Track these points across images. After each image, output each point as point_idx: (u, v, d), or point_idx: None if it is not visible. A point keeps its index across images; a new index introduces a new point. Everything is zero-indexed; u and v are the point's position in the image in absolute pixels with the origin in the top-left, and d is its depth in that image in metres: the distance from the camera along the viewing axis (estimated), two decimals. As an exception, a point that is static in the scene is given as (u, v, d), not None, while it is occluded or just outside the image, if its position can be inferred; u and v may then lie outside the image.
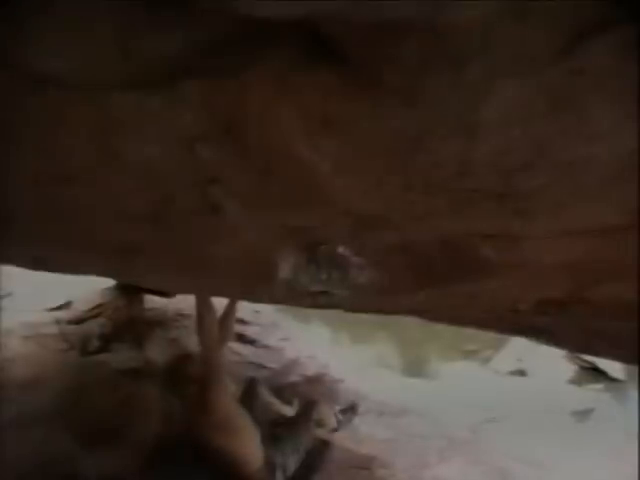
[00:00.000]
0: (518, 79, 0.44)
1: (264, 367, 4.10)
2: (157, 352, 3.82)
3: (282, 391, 4.00)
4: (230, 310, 2.94)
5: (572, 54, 0.39)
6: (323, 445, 3.42)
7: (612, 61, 0.38)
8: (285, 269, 1.42)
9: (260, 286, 1.50)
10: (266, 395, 3.62)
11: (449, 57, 0.42)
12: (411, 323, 6.87)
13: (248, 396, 3.30)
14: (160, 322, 4.15)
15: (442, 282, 1.27)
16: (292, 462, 2.85)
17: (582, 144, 0.53)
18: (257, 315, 4.55)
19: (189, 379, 3.21)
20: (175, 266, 1.37)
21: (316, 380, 4.17)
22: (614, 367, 5.93)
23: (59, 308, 4.18)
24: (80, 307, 4.15)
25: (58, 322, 3.94)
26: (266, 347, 4.26)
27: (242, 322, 4.34)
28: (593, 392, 5.66)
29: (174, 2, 0.51)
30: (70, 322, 3.97)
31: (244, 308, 4.66)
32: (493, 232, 1.00)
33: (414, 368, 5.83)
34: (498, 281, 1.23)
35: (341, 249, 1.29)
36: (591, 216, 0.89)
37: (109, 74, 0.61)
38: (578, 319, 1.97)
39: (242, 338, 4.20)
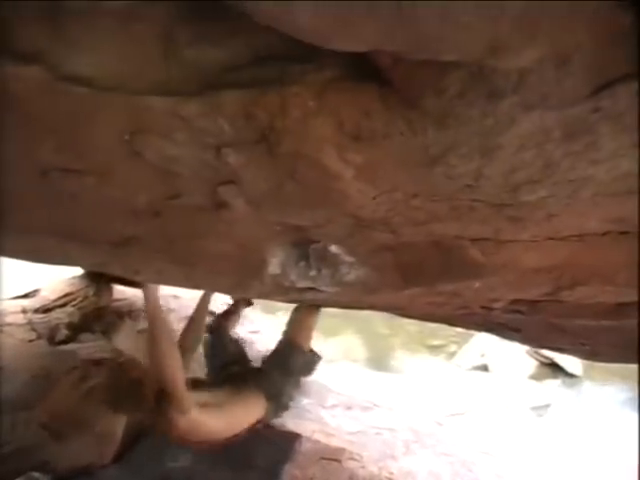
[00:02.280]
0: (541, 113, 0.50)
1: (234, 360, 4.13)
2: (126, 343, 3.80)
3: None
4: (201, 312, 2.92)
5: (596, 97, 0.46)
6: (293, 437, 3.49)
7: (628, 102, 0.45)
8: (274, 265, 1.47)
9: (250, 281, 1.54)
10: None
11: (485, 92, 0.47)
12: (377, 318, 7.02)
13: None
14: (129, 312, 4.13)
15: (430, 281, 1.35)
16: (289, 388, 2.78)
17: (585, 166, 0.61)
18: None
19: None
20: (170, 260, 1.40)
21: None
22: (572, 363, 6.20)
23: (25, 296, 4.09)
24: (47, 296, 4.08)
25: (25, 311, 3.86)
26: (236, 339, 4.28)
27: (212, 314, 4.36)
28: (551, 387, 5.92)
29: (221, 15, 0.56)
30: (37, 311, 3.90)
31: (213, 300, 4.67)
32: (484, 236, 1.07)
33: (380, 362, 5.97)
34: (482, 281, 1.31)
35: (334, 247, 1.35)
36: (576, 225, 0.97)
37: (147, 79, 0.65)
38: (547, 317, 2.09)
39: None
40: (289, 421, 3.71)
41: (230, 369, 2.80)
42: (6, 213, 1.22)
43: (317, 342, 6.48)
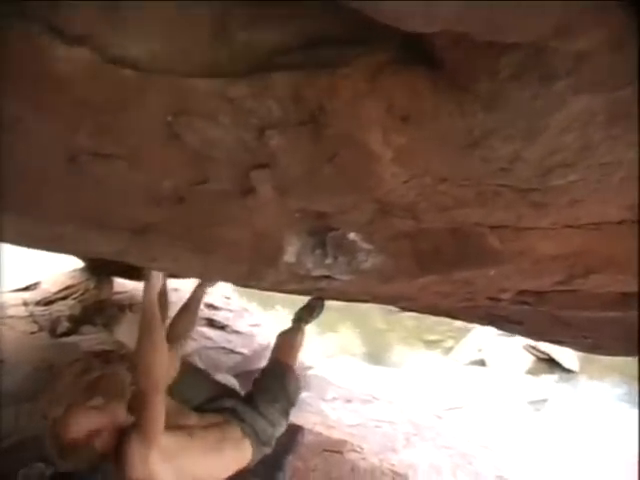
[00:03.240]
0: (592, 95, 0.53)
1: (235, 352, 4.17)
2: (127, 335, 3.82)
3: (252, 376, 4.07)
4: (196, 300, 2.75)
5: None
6: (295, 429, 3.51)
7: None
8: (290, 253, 1.49)
9: (265, 269, 1.57)
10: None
11: (539, 74, 0.50)
12: (374, 313, 7.06)
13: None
14: (130, 305, 4.15)
15: (446, 269, 1.37)
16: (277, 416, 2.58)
17: (622, 150, 0.64)
18: (227, 301, 4.59)
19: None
20: (187, 247, 1.42)
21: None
22: (568, 359, 6.28)
23: (26, 289, 4.11)
24: (48, 288, 4.10)
25: (26, 303, 3.88)
26: (237, 332, 4.32)
27: (213, 307, 4.39)
28: (548, 382, 5.99)
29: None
30: (38, 303, 3.91)
31: (214, 294, 4.70)
32: (505, 223, 1.10)
33: (377, 357, 6.01)
34: (498, 269, 1.34)
35: (352, 235, 1.38)
36: (597, 212, 1.00)
37: (195, 61, 0.67)
38: (553, 309, 2.12)
39: (213, 323, 4.25)
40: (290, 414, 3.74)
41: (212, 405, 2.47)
42: (28, 200, 1.24)
43: (315, 337, 6.53)
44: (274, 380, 2.75)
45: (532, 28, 0.44)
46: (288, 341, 2.98)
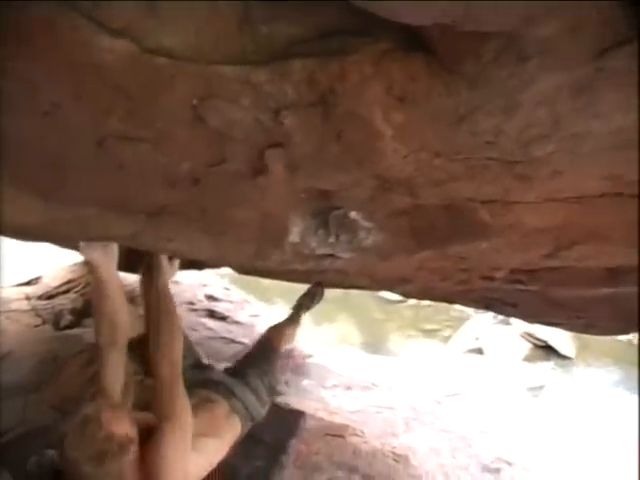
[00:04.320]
0: (557, 72, 0.65)
1: (235, 342, 4.29)
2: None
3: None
4: None
5: (600, 58, 0.61)
6: (298, 414, 3.65)
7: (625, 63, 0.60)
8: (294, 234, 1.62)
9: (271, 249, 1.69)
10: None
11: (515, 56, 0.63)
12: (372, 303, 7.19)
13: None
14: (131, 298, 4.26)
15: (441, 244, 1.50)
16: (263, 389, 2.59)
17: (586, 120, 0.76)
18: (227, 292, 4.72)
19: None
20: (200, 229, 1.54)
21: (286, 354, 4.39)
22: (565, 345, 6.45)
23: (27, 283, 4.23)
24: (49, 282, 4.21)
25: (28, 298, 3.99)
26: (237, 323, 4.44)
27: (213, 299, 4.51)
28: (545, 369, 6.16)
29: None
30: (40, 297, 4.03)
31: (215, 286, 4.82)
32: (494, 197, 1.23)
33: (375, 346, 6.15)
34: (489, 242, 1.47)
35: (353, 213, 1.50)
36: (576, 184, 1.13)
37: (222, 50, 0.80)
38: (545, 286, 2.25)
39: (214, 314, 4.37)
40: (292, 400, 3.87)
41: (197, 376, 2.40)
42: (54, 183, 1.35)
43: (312, 328, 6.65)
44: (263, 357, 2.81)
45: (503, 20, 0.57)
46: (282, 328, 3.12)
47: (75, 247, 3.95)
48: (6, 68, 0.90)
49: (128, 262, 2.48)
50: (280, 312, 5.96)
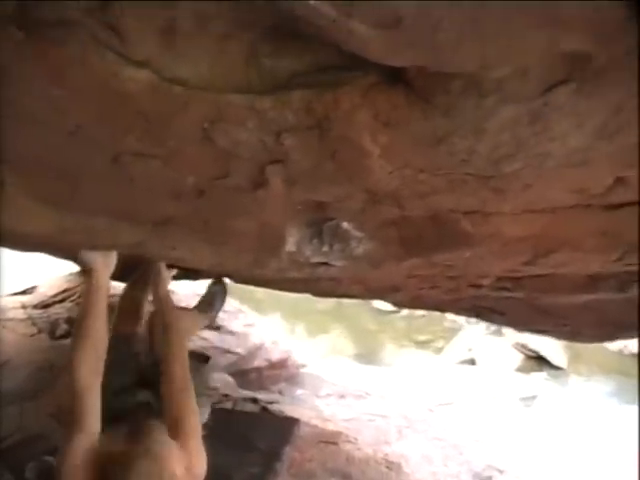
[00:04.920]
0: (514, 105, 0.79)
1: (230, 352, 4.40)
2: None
3: (247, 375, 4.33)
4: None
5: (545, 95, 0.75)
6: (292, 422, 3.76)
7: (565, 98, 0.74)
8: (290, 243, 1.76)
9: (269, 258, 1.83)
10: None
11: (477, 92, 0.76)
12: (365, 315, 7.31)
13: None
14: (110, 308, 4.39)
15: (428, 252, 1.64)
16: None
17: (545, 143, 0.90)
18: (222, 302, 4.82)
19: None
20: (203, 238, 1.68)
21: (280, 364, 4.51)
22: (557, 356, 6.60)
23: (23, 293, 4.34)
24: (45, 292, 4.32)
25: (24, 307, 4.10)
26: (231, 333, 4.56)
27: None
28: (537, 379, 6.30)
29: (294, 36, 0.84)
30: (36, 306, 4.14)
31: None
32: (473, 208, 1.37)
33: (369, 357, 6.27)
34: (472, 250, 1.61)
35: (345, 224, 1.64)
36: (547, 196, 1.28)
37: (231, 81, 0.94)
38: (529, 293, 2.40)
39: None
40: (286, 408, 3.99)
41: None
42: (69, 194, 1.49)
43: (306, 339, 6.76)
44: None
45: (463, 65, 0.71)
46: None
47: (73, 257, 4.06)
48: (37, 91, 1.03)
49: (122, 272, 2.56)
50: (273, 323, 6.09)
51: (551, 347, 6.52)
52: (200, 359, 3.66)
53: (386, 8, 0.60)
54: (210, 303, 3.16)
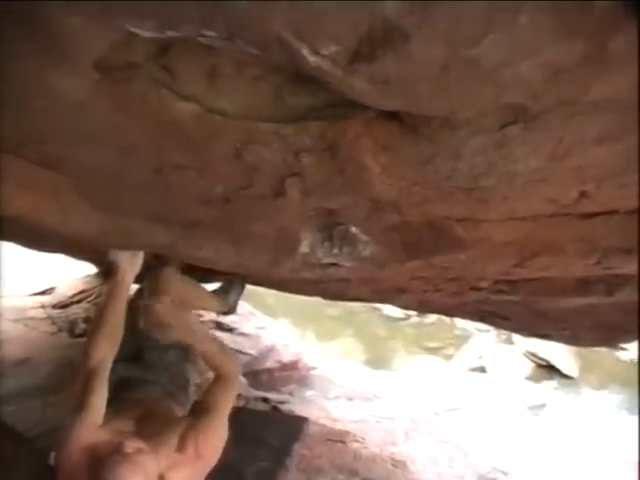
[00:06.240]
0: (481, 136, 1.06)
1: (242, 353, 4.69)
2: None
3: (259, 375, 4.60)
4: None
5: (503, 129, 1.03)
6: (301, 420, 4.02)
7: (518, 132, 1.02)
8: (304, 245, 2.03)
9: (285, 258, 2.11)
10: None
11: (450, 126, 1.04)
12: (375, 321, 7.55)
13: None
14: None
15: (427, 254, 1.91)
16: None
17: (510, 164, 1.17)
18: (234, 305, 5.11)
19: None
20: (226, 240, 1.96)
21: (291, 366, 4.79)
22: (567, 365, 6.80)
23: (42, 293, 4.66)
24: (64, 292, 4.64)
25: (44, 306, 4.42)
26: (243, 334, 4.85)
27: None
28: (547, 388, 6.50)
29: (311, 79, 1.12)
30: (55, 306, 4.46)
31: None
32: (464, 216, 1.64)
33: (379, 363, 6.52)
34: (466, 254, 1.88)
35: (353, 228, 1.92)
36: (524, 206, 1.54)
37: (261, 112, 1.22)
38: (524, 296, 2.65)
39: (221, 326, 4.78)
40: (296, 408, 4.25)
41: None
42: (113, 199, 1.78)
43: (316, 344, 7.00)
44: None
45: (436, 111, 0.98)
46: (163, 284, 2.86)
47: (96, 259, 4.39)
48: (103, 116, 1.32)
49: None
50: (284, 328, 6.36)
51: (562, 356, 6.72)
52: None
53: (378, 70, 0.88)
54: (226, 291, 3.50)
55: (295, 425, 4.00)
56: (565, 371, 6.75)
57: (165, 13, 0.86)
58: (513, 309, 3.18)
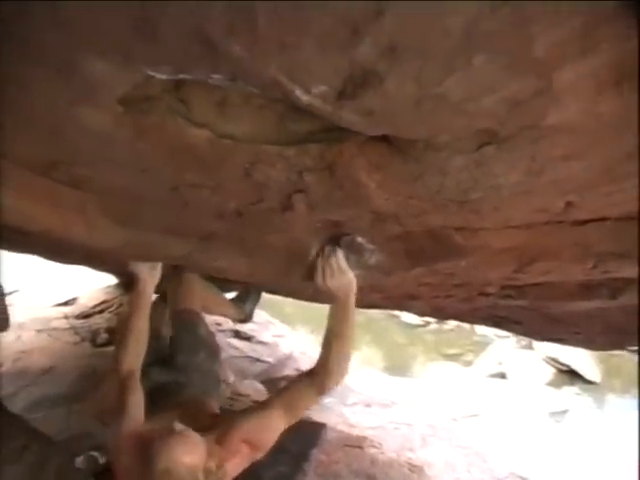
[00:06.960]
0: (461, 155, 1.21)
1: (260, 361, 4.85)
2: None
3: (277, 383, 4.75)
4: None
5: (479, 150, 1.17)
6: (319, 426, 4.17)
7: (494, 151, 1.17)
8: (314, 254, 2.19)
9: (295, 268, 2.26)
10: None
11: (434, 147, 1.18)
12: (394, 328, 7.66)
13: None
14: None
15: (429, 261, 2.06)
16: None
17: (493, 179, 1.32)
18: (252, 314, 5.28)
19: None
20: (239, 252, 2.13)
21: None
22: (590, 371, 6.83)
23: (65, 304, 4.89)
24: (86, 303, 4.87)
25: (67, 317, 4.65)
26: (262, 343, 5.02)
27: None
28: (569, 394, 6.55)
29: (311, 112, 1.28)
30: (78, 317, 4.69)
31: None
32: (461, 225, 1.78)
33: (398, 370, 6.63)
34: (466, 260, 2.02)
35: (359, 238, 2.07)
36: (515, 215, 1.68)
37: (267, 136, 1.38)
38: (531, 301, 2.77)
39: (239, 334, 4.96)
40: (313, 414, 4.39)
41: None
42: (132, 214, 1.95)
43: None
44: (185, 332, 3.11)
45: (418, 135, 1.13)
46: (188, 288, 3.23)
47: (116, 271, 4.63)
48: (125, 144, 1.49)
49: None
50: (302, 336, 6.51)
51: (583, 361, 6.76)
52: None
53: (362, 105, 1.03)
54: (243, 299, 3.81)
55: (313, 431, 4.14)
56: (587, 376, 6.78)
57: (178, 61, 1.02)
58: (524, 314, 3.29)
